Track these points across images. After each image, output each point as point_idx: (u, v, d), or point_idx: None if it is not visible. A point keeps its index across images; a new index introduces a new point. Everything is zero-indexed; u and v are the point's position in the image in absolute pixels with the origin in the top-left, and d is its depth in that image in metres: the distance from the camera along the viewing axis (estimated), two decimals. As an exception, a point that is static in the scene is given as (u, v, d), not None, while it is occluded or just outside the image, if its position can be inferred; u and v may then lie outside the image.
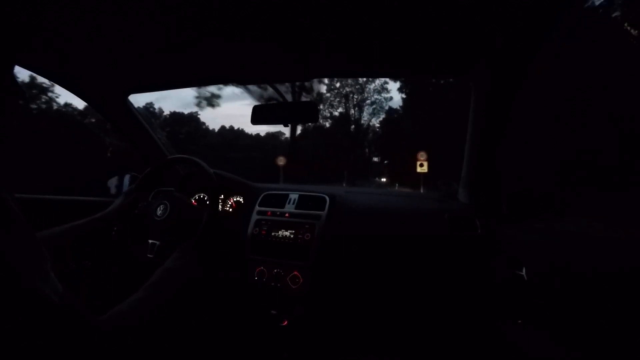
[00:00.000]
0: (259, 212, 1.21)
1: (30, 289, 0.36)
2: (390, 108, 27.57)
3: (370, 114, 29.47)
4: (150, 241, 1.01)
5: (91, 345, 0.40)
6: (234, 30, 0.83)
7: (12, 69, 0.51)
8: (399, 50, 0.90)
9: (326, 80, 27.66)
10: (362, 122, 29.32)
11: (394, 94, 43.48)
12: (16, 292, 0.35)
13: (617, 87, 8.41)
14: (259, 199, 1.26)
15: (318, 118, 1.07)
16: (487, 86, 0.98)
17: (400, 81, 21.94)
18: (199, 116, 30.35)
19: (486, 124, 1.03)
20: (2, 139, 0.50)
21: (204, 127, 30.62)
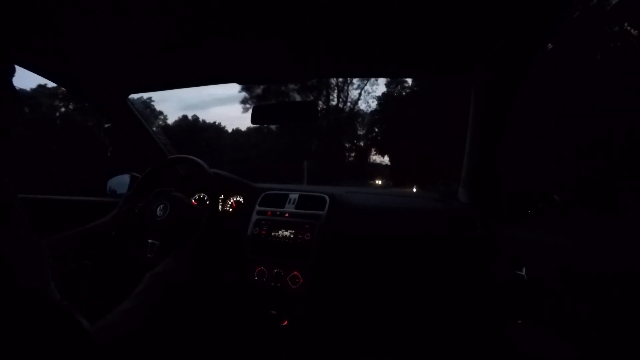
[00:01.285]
0: (259, 212, 1.21)
1: (26, 291, 0.36)
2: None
3: (362, 80, 20.25)
4: (150, 241, 1.01)
5: (83, 356, 0.40)
6: (234, 30, 0.82)
7: (11, 75, 0.52)
8: (399, 50, 0.90)
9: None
10: (347, 89, 20.58)
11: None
12: (13, 293, 0.35)
13: (618, 87, 8.41)
14: (259, 199, 1.26)
15: (318, 118, 1.07)
16: (487, 86, 0.98)
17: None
18: (153, 103, 22.67)
19: (486, 124, 1.03)
20: (4, 141, 0.50)
21: (161, 116, 23.57)
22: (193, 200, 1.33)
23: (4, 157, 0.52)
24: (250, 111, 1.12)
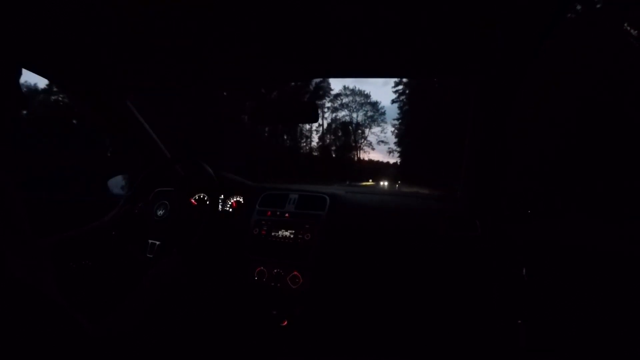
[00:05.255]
0: (259, 212, 1.21)
1: (27, 291, 0.36)
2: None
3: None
4: (150, 241, 1.01)
5: (83, 356, 0.40)
6: (234, 31, 0.83)
7: (18, 76, 0.52)
8: (399, 50, 0.90)
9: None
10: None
11: None
12: (13, 293, 0.35)
13: (618, 86, 8.41)
14: (259, 199, 1.26)
15: (318, 118, 1.07)
16: (487, 86, 0.98)
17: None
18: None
19: (486, 124, 1.03)
20: (6, 141, 0.50)
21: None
22: (193, 200, 1.33)
23: (6, 157, 0.52)
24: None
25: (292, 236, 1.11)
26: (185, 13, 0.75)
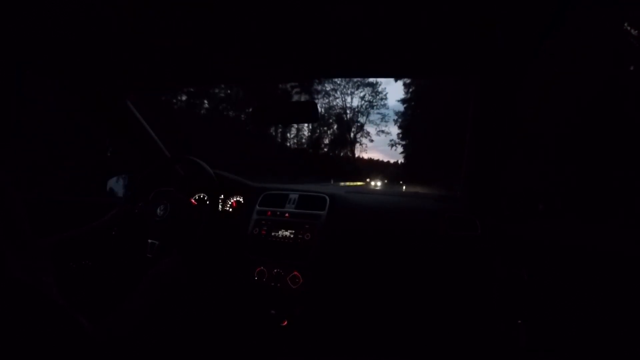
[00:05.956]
0: (258, 212, 1.21)
1: (26, 291, 0.36)
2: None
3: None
4: (150, 241, 1.01)
5: (83, 356, 0.40)
6: (234, 31, 0.83)
7: (21, 81, 0.52)
8: (399, 50, 0.90)
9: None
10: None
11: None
12: (12, 294, 0.35)
13: (618, 87, 8.40)
14: (259, 199, 1.26)
15: (318, 118, 1.07)
16: (488, 86, 0.98)
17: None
18: None
19: (487, 124, 1.03)
20: (6, 142, 0.50)
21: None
22: (193, 200, 1.33)
23: (6, 157, 0.52)
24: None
25: (292, 236, 1.11)
26: (185, 13, 0.75)
